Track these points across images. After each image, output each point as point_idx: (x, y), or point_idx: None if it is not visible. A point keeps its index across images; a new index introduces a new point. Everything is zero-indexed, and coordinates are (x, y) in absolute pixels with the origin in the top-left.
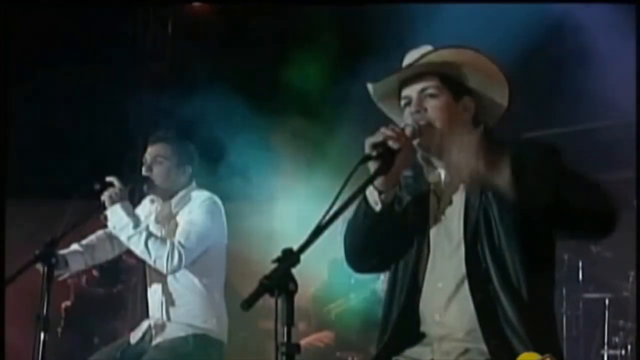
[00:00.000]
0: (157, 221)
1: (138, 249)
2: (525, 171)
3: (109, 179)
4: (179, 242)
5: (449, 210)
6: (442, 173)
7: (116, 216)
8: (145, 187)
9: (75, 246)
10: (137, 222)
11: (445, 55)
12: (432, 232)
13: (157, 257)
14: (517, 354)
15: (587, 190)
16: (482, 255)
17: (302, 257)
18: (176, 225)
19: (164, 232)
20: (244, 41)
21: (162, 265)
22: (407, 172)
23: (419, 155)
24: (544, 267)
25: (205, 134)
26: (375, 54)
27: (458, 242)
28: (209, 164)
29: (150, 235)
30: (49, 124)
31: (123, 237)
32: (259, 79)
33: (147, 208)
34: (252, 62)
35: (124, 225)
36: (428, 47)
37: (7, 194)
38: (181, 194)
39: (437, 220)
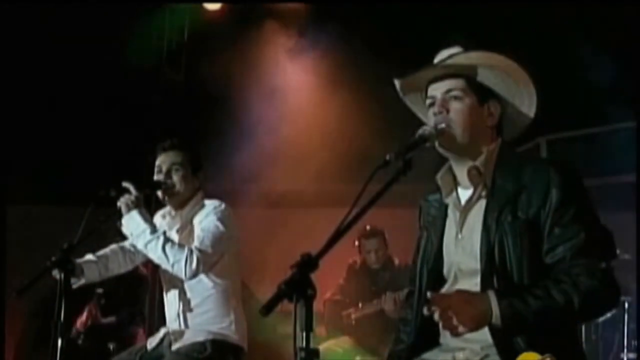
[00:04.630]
0: (170, 231)
1: (155, 254)
2: None
3: (125, 184)
4: (196, 247)
5: (466, 230)
6: (460, 193)
7: (133, 223)
8: (162, 193)
9: (89, 256)
10: (154, 228)
11: (474, 58)
12: (452, 249)
13: (175, 262)
14: None
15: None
16: (495, 281)
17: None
18: (190, 233)
19: (178, 240)
20: (260, 44)
21: (180, 270)
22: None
23: (438, 176)
24: None
25: (218, 140)
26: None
27: (476, 260)
28: (221, 169)
29: (167, 240)
30: (65, 129)
31: (140, 244)
32: (273, 82)
33: (158, 222)
34: (267, 65)
35: (141, 231)
36: (458, 48)
37: (22, 199)
38: (193, 202)
39: (457, 239)
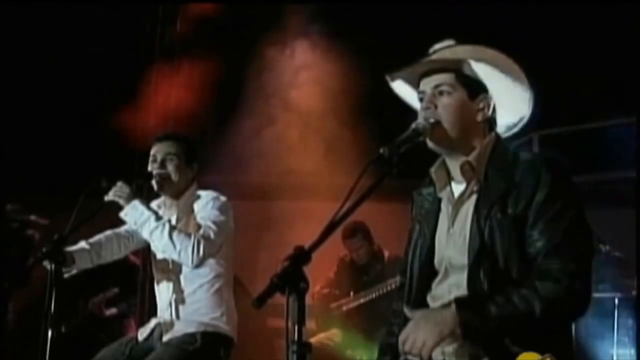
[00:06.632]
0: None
1: (161, 242)
2: None
3: (118, 183)
4: (201, 235)
5: (458, 225)
6: (454, 188)
7: (137, 211)
8: (156, 183)
9: (82, 244)
10: (157, 216)
11: (460, 52)
12: (444, 243)
13: (182, 248)
14: None
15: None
16: (482, 275)
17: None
18: (187, 223)
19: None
20: (251, 37)
21: (187, 258)
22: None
23: (432, 170)
24: None
25: (212, 130)
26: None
27: (465, 255)
28: (216, 160)
29: (173, 227)
30: (57, 120)
31: (145, 232)
32: (266, 76)
33: None
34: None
35: (146, 219)
36: (451, 42)
37: (14, 191)
38: (189, 192)
39: (449, 233)
